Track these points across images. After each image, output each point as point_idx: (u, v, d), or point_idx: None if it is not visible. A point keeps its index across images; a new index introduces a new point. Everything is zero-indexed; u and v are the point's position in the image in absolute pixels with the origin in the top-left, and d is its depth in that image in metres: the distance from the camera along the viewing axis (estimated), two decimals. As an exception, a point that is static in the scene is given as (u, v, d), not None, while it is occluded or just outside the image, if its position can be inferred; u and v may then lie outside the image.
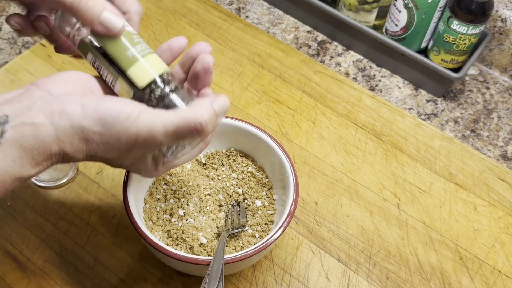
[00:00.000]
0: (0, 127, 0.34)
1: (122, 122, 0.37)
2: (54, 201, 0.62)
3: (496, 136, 0.75)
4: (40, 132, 0.35)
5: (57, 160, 0.37)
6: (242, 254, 0.48)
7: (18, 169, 0.35)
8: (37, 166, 0.36)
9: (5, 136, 0.34)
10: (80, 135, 0.36)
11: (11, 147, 0.34)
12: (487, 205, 0.66)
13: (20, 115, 0.35)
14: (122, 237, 0.60)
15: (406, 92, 0.79)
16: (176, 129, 0.38)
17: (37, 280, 0.56)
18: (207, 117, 0.38)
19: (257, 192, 0.58)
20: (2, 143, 0.34)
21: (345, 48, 0.84)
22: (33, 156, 0.35)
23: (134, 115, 0.37)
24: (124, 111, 0.37)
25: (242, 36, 0.82)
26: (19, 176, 0.35)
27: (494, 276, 0.60)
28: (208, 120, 0.39)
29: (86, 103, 0.37)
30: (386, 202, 0.65)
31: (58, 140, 0.36)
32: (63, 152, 0.37)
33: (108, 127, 0.37)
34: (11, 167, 0.35)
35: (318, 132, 0.71)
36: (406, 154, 0.70)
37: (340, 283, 0.58)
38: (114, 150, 0.38)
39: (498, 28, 0.78)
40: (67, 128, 0.36)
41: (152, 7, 0.84)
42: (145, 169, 0.44)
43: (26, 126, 0.35)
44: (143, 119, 0.37)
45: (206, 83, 0.44)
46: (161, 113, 0.38)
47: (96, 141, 0.37)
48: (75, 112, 0.36)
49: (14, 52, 0.78)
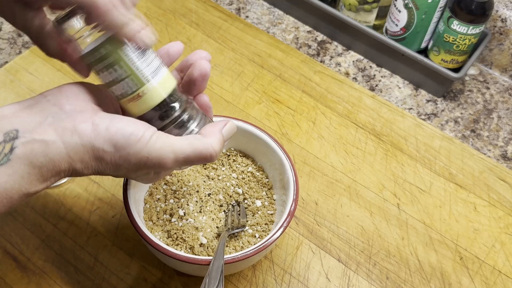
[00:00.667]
0: (10, 142, 0.34)
1: (133, 144, 0.37)
2: (54, 201, 0.62)
3: (496, 136, 0.75)
4: (51, 150, 0.35)
5: (65, 175, 0.37)
6: (242, 254, 0.48)
7: (26, 185, 0.35)
8: (45, 182, 0.36)
9: (15, 152, 0.34)
10: (90, 154, 0.36)
11: (21, 164, 0.34)
12: (487, 205, 0.66)
13: (30, 131, 0.35)
14: (122, 237, 0.60)
15: (406, 92, 0.79)
16: (187, 158, 0.39)
17: (37, 280, 0.56)
18: (217, 148, 0.40)
19: (257, 192, 0.58)
20: (12, 160, 0.34)
21: (345, 48, 0.84)
22: (41, 173, 0.35)
23: (146, 138, 0.37)
24: (136, 134, 0.37)
25: (242, 36, 0.82)
26: (27, 192, 0.35)
27: (494, 276, 0.60)
28: (218, 150, 0.40)
29: (98, 122, 0.37)
30: (386, 202, 0.65)
31: (69, 158, 0.36)
32: (72, 168, 0.37)
33: (118, 148, 0.37)
34: (19, 183, 0.34)
35: (318, 132, 0.71)
36: (406, 154, 0.70)
37: (340, 283, 0.58)
38: (122, 169, 0.38)
39: (498, 28, 0.78)
40: (78, 146, 0.36)
41: (152, 7, 0.84)
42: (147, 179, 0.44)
43: (37, 143, 0.35)
44: (154, 144, 0.37)
45: (201, 89, 0.45)
46: (172, 140, 0.38)
47: (106, 160, 0.37)
48: (86, 131, 0.36)
49: (14, 52, 0.78)
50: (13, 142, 0.34)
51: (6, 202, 0.34)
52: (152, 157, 0.37)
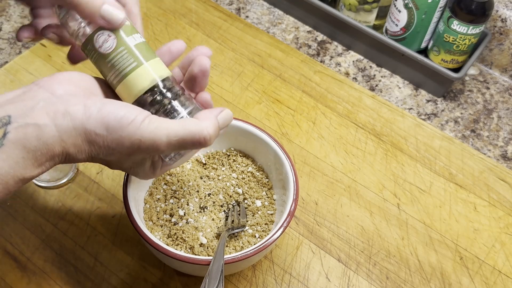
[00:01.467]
0: (3, 128, 0.34)
1: (125, 126, 0.37)
2: (54, 201, 0.62)
3: (496, 136, 0.75)
4: (43, 133, 0.35)
5: (59, 160, 0.37)
6: (242, 254, 0.48)
7: (21, 170, 0.35)
8: (40, 167, 0.36)
9: (8, 137, 0.34)
10: (83, 137, 0.36)
11: (14, 148, 0.34)
12: (487, 205, 0.66)
13: (23, 116, 0.35)
14: (122, 237, 0.60)
15: (406, 92, 0.79)
16: (180, 140, 0.38)
17: (37, 280, 0.56)
18: (212, 131, 0.39)
19: (257, 192, 0.58)
20: (5, 144, 0.34)
21: (345, 48, 0.84)
22: (36, 157, 0.35)
23: (138, 121, 0.37)
24: (128, 116, 0.37)
25: (242, 36, 0.82)
26: (22, 177, 0.35)
27: (494, 276, 0.60)
28: (212, 134, 0.39)
29: (89, 105, 0.37)
30: (386, 202, 0.65)
31: (61, 141, 0.36)
32: (66, 152, 0.37)
33: (110, 131, 0.36)
34: (14, 168, 0.34)
35: (318, 132, 0.71)
36: (406, 154, 0.70)
37: (340, 283, 0.58)
38: (115, 153, 0.38)
39: (498, 28, 0.78)
40: (70, 129, 0.36)
41: (152, 7, 0.84)
42: (143, 172, 0.44)
43: (29, 127, 0.35)
44: (147, 126, 0.37)
45: (203, 85, 0.45)
46: (165, 122, 0.38)
47: (99, 143, 0.37)
48: (78, 113, 0.36)
49: (14, 52, 0.78)
50: (5, 128, 0.34)
51: (2, 187, 0.34)
52: (145, 140, 0.37)
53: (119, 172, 0.65)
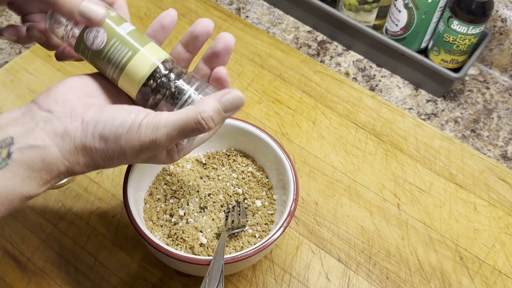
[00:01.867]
0: (7, 148, 0.35)
1: (123, 135, 0.37)
2: (54, 201, 0.62)
3: (496, 136, 0.75)
4: (47, 154, 0.36)
5: (65, 176, 0.38)
6: (242, 254, 0.48)
7: (27, 188, 0.36)
8: (45, 185, 0.37)
9: (12, 157, 0.35)
10: (84, 153, 0.37)
11: (19, 168, 0.35)
12: (487, 205, 0.66)
13: (25, 137, 0.36)
14: (122, 237, 0.60)
15: (406, 92, 0.79)
16: (180, 130, 0.37)
17: (37, 280, 0.56)
18: (211, 114, 0.37)
19: (257, 192, 0.58)
20: (10, 164, 0.35)
21: (345, 48, 0.84)
22: (41, 176, 0.36)
23: (135, 126, 0.37)
24: (124, 125, 0.37)
25: (242, 36, 0.82)
26: (28, 196, 0.36)
27: (494, 276, 0.60)
28: (212, 116, 0.37)
29: (87, 120, 0.37)
30: (386, 202, 0.65)
31: (65, 160, 0.37)
32: (71, 170, 0.38)
33: (109, 143, 0.37)
34: (20, 186, 0.35)
35: (318, 132, 0.71)
36: (406, 154, 0.70)
37: (340, 283, 0.58)
38: (120, 159, 0.38)
39: (498, 28, 0.78)
40: (71, 149, 0.37)
41: (152, 7, 0.84)
42: (159, 161, 0.44)
43: (33, 148, 0.36)
44: (145, 128, 0.37)
45: (224, 62, 0.43)
46: (161, 119, 0.37)
47: (101, 156, 0.38)
48: (77, 131, 0.37)
49: (14, 52, 0.78)
50: (9, 148, 0.35)
51: (7, 205, 0.35)
52: (145, 142, 0.37)
53: (119, 172, 0.65)
